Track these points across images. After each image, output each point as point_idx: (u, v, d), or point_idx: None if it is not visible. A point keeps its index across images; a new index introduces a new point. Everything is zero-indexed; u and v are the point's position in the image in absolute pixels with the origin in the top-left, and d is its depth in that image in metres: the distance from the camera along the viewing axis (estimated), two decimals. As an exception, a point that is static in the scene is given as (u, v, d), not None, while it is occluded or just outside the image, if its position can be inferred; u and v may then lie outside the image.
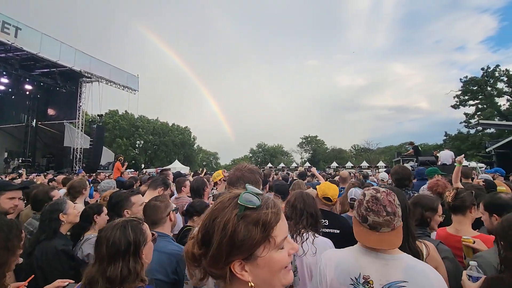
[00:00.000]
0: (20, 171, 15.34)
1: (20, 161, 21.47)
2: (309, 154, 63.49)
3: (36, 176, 13.01)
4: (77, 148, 21.79)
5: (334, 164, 38.37)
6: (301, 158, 63.61)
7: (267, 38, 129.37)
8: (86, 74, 21.27)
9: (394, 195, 1.37)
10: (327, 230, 2.39)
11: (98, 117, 24.38)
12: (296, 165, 42.92)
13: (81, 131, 22.25)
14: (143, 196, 3.46)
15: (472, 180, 5.43)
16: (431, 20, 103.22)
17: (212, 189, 4.67)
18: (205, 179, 3.95)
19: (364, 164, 37.36)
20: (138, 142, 40.34)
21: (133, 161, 42.81)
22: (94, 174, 12.65)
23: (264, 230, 0.73)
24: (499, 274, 1.53)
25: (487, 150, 14.77)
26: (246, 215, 0.74)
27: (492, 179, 5.26)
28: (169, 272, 1.78)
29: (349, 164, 38.51)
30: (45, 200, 2.89)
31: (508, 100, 34.62)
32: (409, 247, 1.55)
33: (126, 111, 44.79)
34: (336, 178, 6.92)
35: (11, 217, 2.44)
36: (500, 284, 1.41)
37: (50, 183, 6.99)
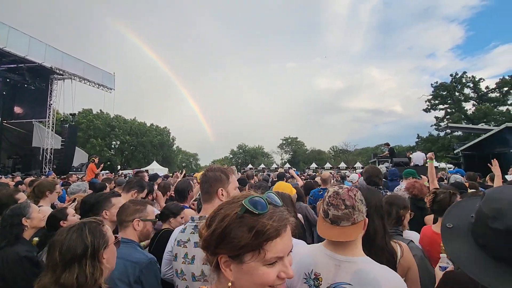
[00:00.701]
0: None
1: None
2: (289, 155, 64.24)
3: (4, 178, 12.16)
4: (47, 149, 20.58)
5: (314, 165, 39.05)
6: (281, 159, 64.20)
7: (247, 40, 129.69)
8: (57, 71, 20.15)
9: (356, 191, 1.38)
10: None
11: (71, 116, 23.27)
12: (277, 166, 43.23)
13: (52, 130, 21.05)
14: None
15: (443, 181, 5.70)
16: (404, 28, 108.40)
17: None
18: (191, 182, 3.84)
19: (342, 165, 38.37)
20: (114, 142, 38.68)
21: (108, 162, 41.25)
22: (65, 177, 12.02)
23: (255, 239, 0.72)
24: (456, 271, 1.61)
25: (455, 152, 15.65)
26: (245, 217, 0.74)
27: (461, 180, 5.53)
28: (132, 282, 1.68)
29: (328, 165, 39.36)
30: (10, 203, 2.68)
31: (473, 105, 36.97)
32: (387, 248, 1.58)
33: (101, 110, 43.19)
34: (317, 179, 7.01)
35: None
36: (454, 278, 1.51)
37: (18, 186, 6.53)
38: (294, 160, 59.16)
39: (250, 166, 43.93)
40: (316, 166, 38.33)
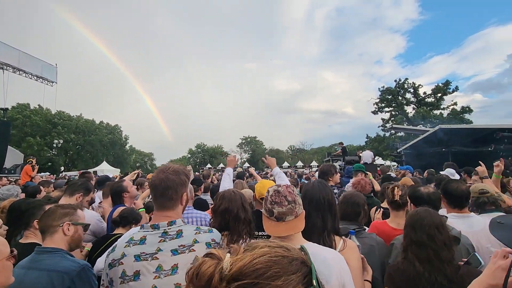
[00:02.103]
0: None
1: None
2: (249, 155, 64.66)
3: None
4: (-30, 148, 17.84)
5: (272, 164, 39.74)
6: (241, 159, 64.33)
7: (205, 38, 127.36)
8: (-16, 59, 17.65)
9: (293, 187, 1.50)
10: (263, 233, 2.28)
11: (2, 111, 20.47)
12: (236, 166, 43.17)
13: (-23, 127, 18.31)
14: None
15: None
16: (354, 35, 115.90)
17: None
18: (125, 184, 3.46)
19: (300, 164, 39.74)
20: (56, 141, 34.91)
21: (49, 163, 37.24)
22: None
23: None
24: (396, 262, 1.77)
25: (398, 150, 17.15)
26: None
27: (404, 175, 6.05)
28: None
29: (285, 164, 40.39)
30: None
31: (413, 108, 41.07)
32: (323, 241, 1.64)
33: (39, 105, 38.79)
34: (272, 178, 7.10)
35: None
36: (396, 270, 1.68)
37: None
38: (253, 159, 59.71)
39: (209, 165, 43.22)
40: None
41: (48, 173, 21.12)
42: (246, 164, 40.20)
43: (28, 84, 21.87)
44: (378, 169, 8.95)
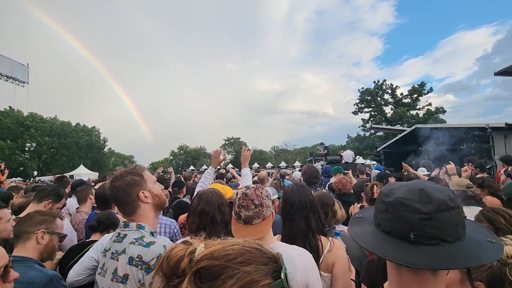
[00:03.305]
0: None
1: None
2: (232, 156, 64.41)
3: None
4: None
5: (256, 165, 39.86)
6: (224, 160, 63.89)
7: (186, 39, 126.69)
8: None
9: (262, 189, 1.49)
10: None
11: (-32, 113, 19.23)
12: (219, 167, 42.84)
13: None
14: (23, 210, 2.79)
15: (368, 176, 6.34)
16: (334, 38, 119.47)
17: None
18: None
19: (283, 164, 40.02)
20: (29, 144, 33.14)
21: (21, 168, 35.34)
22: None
23: None
24: (375, 259, 1.76)
25: (377, 149, 17.66)
26: None
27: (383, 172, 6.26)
28: None
29: (269, 164, 40.61)
30: None
31: (391, 108, 42.53)
32: (309, 243, 1.66)
33: (10, 107, 36.76)
34: (255, 178, 7.09)
35: None
36: (374, 265, 1.67)
37: None
38: (236, 160, 59.51)
39: (191, 167, 42.62)
40: (258, 166, 39.19)
41: (19, 178, 20.03)
42: (230, 165, 39.99)
43: (-4, 84, 20.66)
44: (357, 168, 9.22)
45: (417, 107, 40.85)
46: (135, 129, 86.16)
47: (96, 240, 2.31)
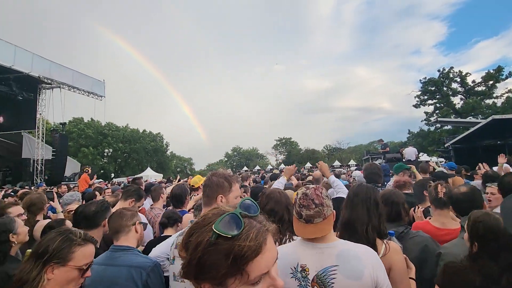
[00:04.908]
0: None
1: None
2: (284, 156, 64.36)
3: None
4: (37, 160, 20.23)
5: (308, 165, 39.21)
6: (276, 160, 64.29)
7: (234, 44, 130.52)
8: (45, 80, 19.85)
9: (322, 189, 1.51)
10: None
11: (61, 126, 22.89)
12: (272, 167, 43.28)
13: (42, 141, 20.70)
14: (112, 207, 3.31)
15: (430, 174, 5.81)
16: (387, 27, 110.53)
17: (192, 195, 4.55)
18: (187, 187, 3.81)
19: (337, 163, 38.63)
20: (107, 150, 38.12)
21: (101, 171, 40.66)
22: (55, 187, 11.82)
23: (235, 264, 0.65)
24: (460, 263, 1.58)
25: (445, 145, 15.91)
26: (218, 243, 0.66)
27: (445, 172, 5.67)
28: (140, 285, 1.70)
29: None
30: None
31: (461, 99, 37.68)
32: (366, 232, 1.66)
33: (92, 118, 42.59)
34: (309, 178, 7.07)
35: None
36: (455, 270, 1.51)
37: (5, 199, 6.37)
38: (288, 160, 59.27)
39: (245, 168, 43.87)
40: (311, 165, 38.48)
41: (101, 180, 23.12)
42: (282, 166, 40.07)
43: (80, 99, 24.27)
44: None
45: (494, 95, 35.26)
46: (193, 133, 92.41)
47: (170, 235, 2.66)
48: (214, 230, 0.67)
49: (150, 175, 28.46)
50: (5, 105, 21.11)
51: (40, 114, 20.77)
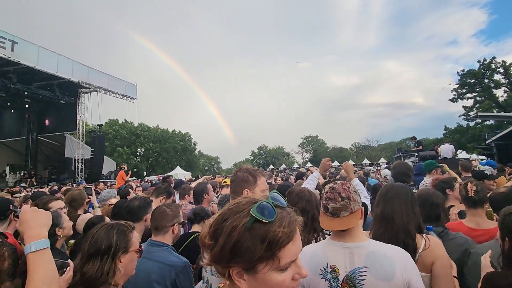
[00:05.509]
0: (22, 184, 15.34)
1: (22, 174, 21.53)
2: (310, 154, 63.45)
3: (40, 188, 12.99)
4: (78, 159, 21.83)
5: (336, 163, 38.31)
6: (303, 159, 63.59)
7: (259, 42, 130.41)
8: (84, 85, 21.35)
9: (349, 184, 1.49)
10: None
11: (98, 127, 24.47)
12: (298, 166, 42.87)
13: (82, 141, 22.29)
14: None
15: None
16: (420, 17, 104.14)
17: (219, 194, 4.67)
18: (209, 185, 3.90)
19: (366, 161, 37.35)
20: (139, 150, 40.12)
21: (135, 169, 42.76)
22: (93, 184, 12.65)
23: (269, 249, 0.69)
24: (503, 271, 1.47)
25: (487, 142, 14.74)
26: (254, 228, 0.70)
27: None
28: (168, 284, 1.75)
29: (350, 162, 38.43)
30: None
31: (505, 91, 34.63)
32: (406, 230, 1.61)
33: (125, 119, 44.93)
34: (338, 176, 6.91)
35: None
36: (496, 278, 1.40)
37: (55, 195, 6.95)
38: (315, 158, 58.33)
39: (271, 167, 43.87)
40: (339, 164, 37.56)
41: (134, 178, 24.39)
42: (309, 164, 39.51)
43: (115, 102, 25.72)
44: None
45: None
46: (219, 132, 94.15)
47: (197, 232, 2.75)
48: (252, 214, 0.71)
49: (179, 174, 29.42)
50: (50, 109, 23.07)
51: (80, 116, 22.32)
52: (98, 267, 1.31)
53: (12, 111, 23.45)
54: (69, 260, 1.86)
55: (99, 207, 4.18)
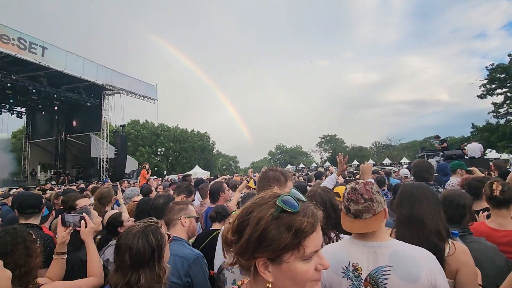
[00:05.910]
0: (53, 182, 16.21)
1: (52, 172, 22.80)
2: (329, 154, 62.49)
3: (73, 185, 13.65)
4: (103, 158, 22.79)
5: (355, 163, 37.52)
6: (321, 158, 62.78)
7: (277, 42, 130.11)
8: (108, 87, 22.26)
9: (372, 184, 1.44)
10: None
11: (121, 127, 25.40)
12: (316, 165, 42.37)
13: (106, 141, 23.22)
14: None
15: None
16: (444, 10, 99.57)
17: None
18: (224, 184, 3.98)
19: (387, 161, 36.32)
20: (160, 149, 41.33)
21: (155, 168, 43.98)
22: (117, 183, 13.11)
23: (295, 237, 0.72)
24: None
25: (519, 140, 13.89)
26: (281, 217, 0.73)
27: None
28: (182, 275, 1.81)
29: (370, 161, 37.46)
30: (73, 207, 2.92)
31: (540, 86, 32.44)
32: (436, 231, 1.56)
33: (146, 120, 46.28)
34: (358, 176, 6.78)
35: None
36: None
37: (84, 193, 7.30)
38: (334, 158, 57.39)
39: (289, 166, 43.66)
40: (358, 163, 36.75)
41: (155, 177, 25.10)
42: (327, 163, 38.95)
43: (136, 103, 26.61)
44: (491, 163, 7.47)
45: None
46: (237, 132, 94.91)
47: (218, 229, 2.82)
48: (278, 204, 0.74)
49: (198, 173, 29.92)
50: (77, 111, 24.26)
51: (104, 117, 23.29)
52: (152, 274, 1.35)
53: (43, 113, 24.94)
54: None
55: (124, 203, 4.36)
